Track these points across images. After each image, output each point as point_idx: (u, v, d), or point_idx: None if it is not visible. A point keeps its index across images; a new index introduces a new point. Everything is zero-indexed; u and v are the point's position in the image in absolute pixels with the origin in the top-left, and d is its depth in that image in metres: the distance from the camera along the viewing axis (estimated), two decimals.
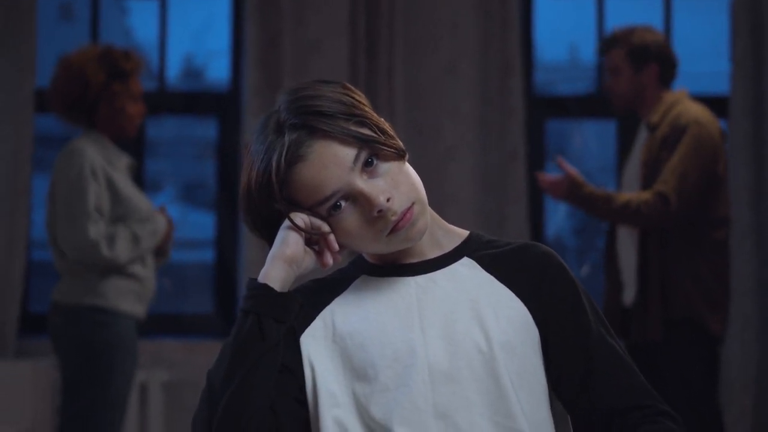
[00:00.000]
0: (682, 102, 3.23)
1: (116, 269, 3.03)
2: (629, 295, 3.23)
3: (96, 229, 2.96)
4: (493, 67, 4.03)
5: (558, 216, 5.98)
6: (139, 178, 4.03)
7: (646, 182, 3.17)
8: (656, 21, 4.03)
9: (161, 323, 4.11)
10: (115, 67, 3.12)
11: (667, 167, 3.10)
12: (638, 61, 3.24)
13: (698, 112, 3.19)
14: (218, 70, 4.78)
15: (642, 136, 3.31)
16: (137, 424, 3.83)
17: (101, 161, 3.07)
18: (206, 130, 4.63)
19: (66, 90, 3.12)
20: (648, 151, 3.20)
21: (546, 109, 4.28)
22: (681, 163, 3.09)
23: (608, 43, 3.33)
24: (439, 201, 3.84)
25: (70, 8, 5.95)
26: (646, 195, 3.10)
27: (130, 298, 3.06)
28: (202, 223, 4.80)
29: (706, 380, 3.15)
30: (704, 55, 4.54)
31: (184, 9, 4.63)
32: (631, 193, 3.18)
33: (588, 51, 4.59)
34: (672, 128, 3.15)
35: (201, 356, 3.86)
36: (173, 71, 6.03)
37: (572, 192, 3.16)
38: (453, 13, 4.05)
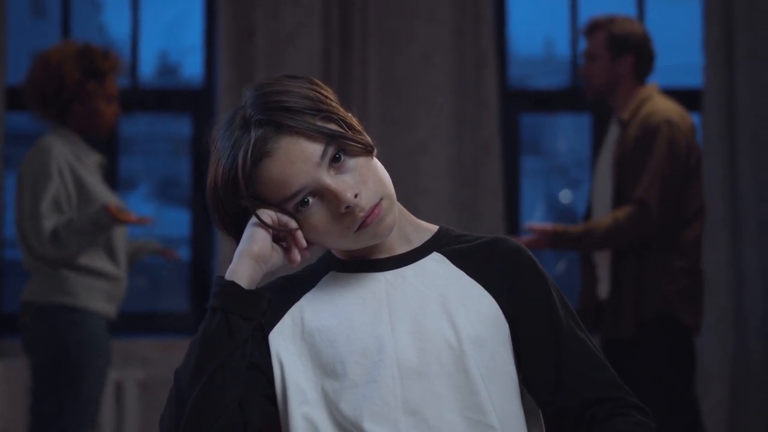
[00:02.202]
0: (652, 98, 3.21)
1: (74, 262, 2.99)
2: (604, 290, 3.23)
3: (49, 226, 2.93)
4: (468, 60, 4.03)
5: (534, 210, 5.99)
6: (113, 176, 4.00)
7: (618, 179, 3.17)
8: (629, 13, 4.04)
9: (136, 322, 4.08)
10: (91, 66, 3.09)
11: (645, 174, 3.09)
12: (616, 50, 3.23)
13: (668, 109, 3.17)
14: (193, 66, 4.76)
15: (613, 132, 3.30)
16: (113, 422, 3.81)
17: (69, 158, 3.04)
18: (180, 126, 4.60)
19: (41, 85, 3.08)
20: (620, 148, 3.19)
21: (520, 102, 4.28)
22: (659, 168, 3.09)
23: (589, 29, 3.32)
24: (412, 194, 3.84)
25: (42, 4, 5.90)
26: (624, 209, 3.10)
27: (100, 297, 3.03)
28: (177, 221, 4.77)
29: (681, 371, 3.15)
30: (677, 48, 4.55)
31: (158, 4, 4.61)
32: (604, 215, 3.17)
33: (563, 45, 4.60)
34: (643, 129, 3.13)
35: (176, 355, 3.79)
36: (148, 68, 6.00)
37: (555, 243, 3.16)
38: (427, 6, 4.05)
